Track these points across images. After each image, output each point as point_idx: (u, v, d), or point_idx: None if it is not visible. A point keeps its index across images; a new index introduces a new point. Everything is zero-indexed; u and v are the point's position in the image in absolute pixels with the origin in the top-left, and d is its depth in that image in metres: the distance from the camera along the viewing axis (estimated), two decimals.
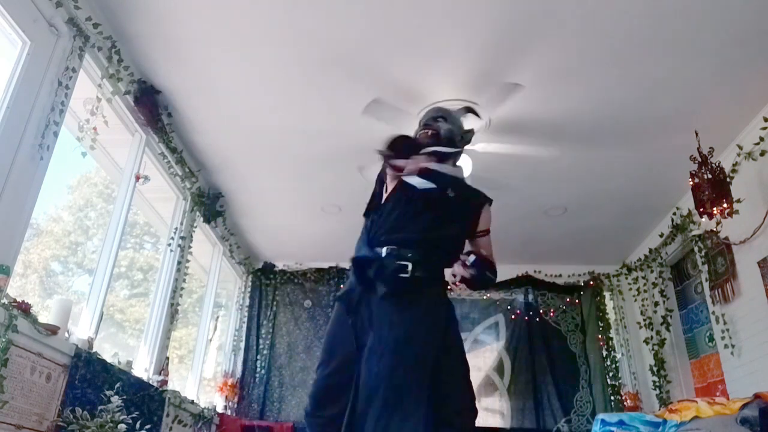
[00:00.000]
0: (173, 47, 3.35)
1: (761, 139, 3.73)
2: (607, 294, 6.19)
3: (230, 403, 5.54)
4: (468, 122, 2.45)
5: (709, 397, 3.18)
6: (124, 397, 3.07)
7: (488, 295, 6.12)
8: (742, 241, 3.93)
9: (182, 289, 4.42)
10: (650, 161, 4.32)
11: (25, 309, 2.45)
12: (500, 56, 3.31)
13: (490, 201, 2.23)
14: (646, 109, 3.75)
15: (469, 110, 2.49)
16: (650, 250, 5.51)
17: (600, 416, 3.36)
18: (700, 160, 3.65)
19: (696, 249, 4.60)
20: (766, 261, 3.74)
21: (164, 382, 3.90)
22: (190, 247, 4.52)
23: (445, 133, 2.25)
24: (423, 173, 2.07)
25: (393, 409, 1.76)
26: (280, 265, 6.29)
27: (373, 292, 1.94)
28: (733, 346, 4.09)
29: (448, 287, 2.12)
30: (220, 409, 5.20)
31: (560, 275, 6.19)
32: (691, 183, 3.68)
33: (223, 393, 5.51)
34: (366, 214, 2.20)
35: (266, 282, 6.21)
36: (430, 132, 2.24)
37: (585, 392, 5.72)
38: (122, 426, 2.87)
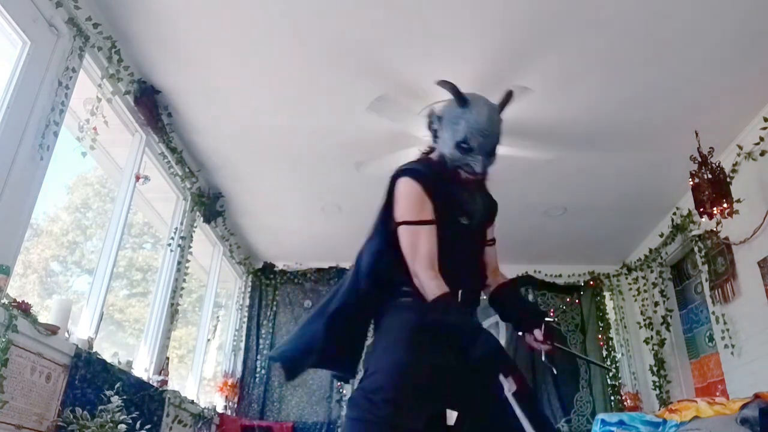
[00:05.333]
0: (173, 47, 3.35)
1: (761, 139, 3.73)
2: (607, 294, 6.19)
3: (230, 403, 5.54)
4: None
5: (709, 397, 3.18)
6: (124, 397, 3.07)
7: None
8: (742, 241, 3.94)
9: (182, 289, 4.42)
10: (650, 161, 4.32)
11: (25, 309, 2.45)
12: (503, 58, 3.31)
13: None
14: (647, 110, 3.74)
15: (511, 97, 1.86)
16: (650, 250, 5.51)
17: (600, 416, 3.36)
18: (700, 160, 3.65)
19: (696, 249, 4.60)
20: (766, 261, 3.74)
21: (164, 382, 3.90)
22: (190, 247, 4.52)
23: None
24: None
25: None
26: (280, 265, 6.29)
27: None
28: (733, 346, 4.09)
29: None
30: (220, 409, 5.19)
31: (560, 275, 6.19)
32: (691, 183, 3.68)
33: (223, 393, 5.51)
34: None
35: (266, 282, 6.21)
36: (480, 176, 1.73)
37: (585, 392, 5.72)
38: (122, 426, 2.87)
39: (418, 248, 1.60)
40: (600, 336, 5.90)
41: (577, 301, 6.12)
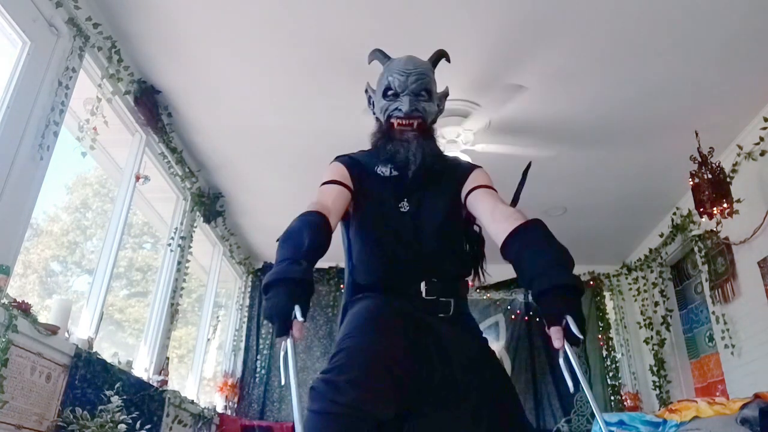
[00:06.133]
0: (173, 47, 3.34)
1: (761, 139, 3.73)
2: (607, 294, 6.19)
3: (230, 403, 5.54)
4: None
5: (709, 397, 3.18)
6: (124, 397, 3.07)
7: (488, 295, 6.12)
8: (742, 241, 3.94)
9: (182, 289, 4.42)
10: (650, 161, 4.32)
11: (25, 309, 2.45)
12: (502, 58, 3.31)
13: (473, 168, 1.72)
14: (646, 109, 3.74)
15: (442, 55, 1.80)
16: (650, 250, 5.51)
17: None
18: (700, 160, 3.65)
19: (696, 249, 4.60)
20: (766, 261, 3.74)
21: (164, 382, 3.90)
22: (190, 247, 4.52)
23: (431, 118, 1.65)
24: None
25: None
26: None
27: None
28: (733, 346, 4.09)
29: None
30: (220, 409, 5.19)
31: None
32: (691, 183, 3.68)
33: (223, 393, 5.51)
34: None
35: None
36: (416, 123, 1.59)
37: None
38: (122, 426, 2.87)
39: (313, 198, 1.57)
40: (600, 336, 5.90)
41: None
